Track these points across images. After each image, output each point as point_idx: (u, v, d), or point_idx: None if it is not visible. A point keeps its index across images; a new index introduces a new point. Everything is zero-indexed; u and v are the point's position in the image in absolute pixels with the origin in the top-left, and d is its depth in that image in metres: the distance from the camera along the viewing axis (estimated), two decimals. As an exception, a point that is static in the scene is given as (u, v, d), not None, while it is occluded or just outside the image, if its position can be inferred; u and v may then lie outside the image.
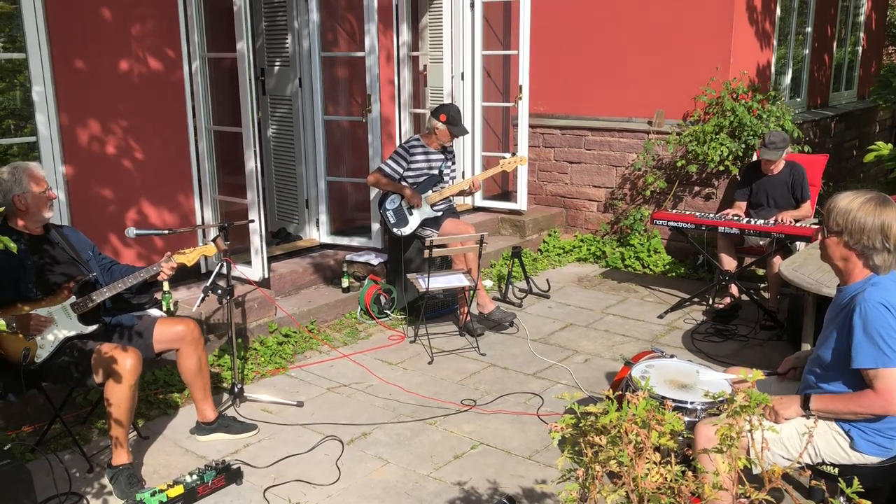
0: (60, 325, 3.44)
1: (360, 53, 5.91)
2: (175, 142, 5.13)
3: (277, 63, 6.45)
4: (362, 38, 5.82)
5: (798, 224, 5.22)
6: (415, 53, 7.21)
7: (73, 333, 3.46)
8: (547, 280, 6.39)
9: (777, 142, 5.39)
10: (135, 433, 3.89)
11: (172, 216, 5.18)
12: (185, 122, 5.15)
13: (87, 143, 4.68)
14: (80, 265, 3.63)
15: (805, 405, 2.69)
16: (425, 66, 7.62)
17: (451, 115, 5.39)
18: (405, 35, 6.69)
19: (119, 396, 3.33)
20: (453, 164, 5.68)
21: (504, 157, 5.95)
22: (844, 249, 2.68)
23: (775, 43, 7.17)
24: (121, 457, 3.41)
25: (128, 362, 3.32)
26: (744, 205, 5.68)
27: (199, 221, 5.30)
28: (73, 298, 3.48)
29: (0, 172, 3.43)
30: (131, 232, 3.86)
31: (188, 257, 3.70)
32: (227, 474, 3.43)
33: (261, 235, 5.07)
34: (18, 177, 3.41)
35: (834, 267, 2.76)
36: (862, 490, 1.85)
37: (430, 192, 5.47)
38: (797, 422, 2.71)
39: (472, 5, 6.98)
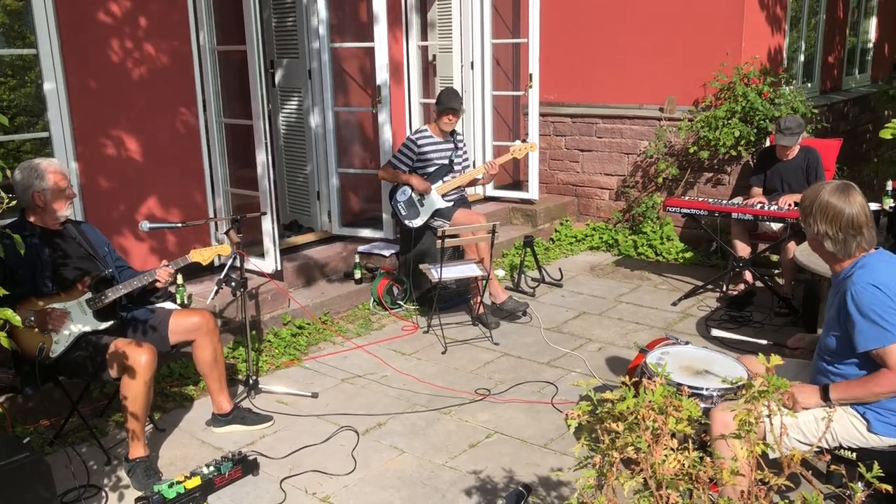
0: (76, 320, 3.46)
1: (370, 44, 5.89)
2: (186, 135, 5.14)
3: (287, 56, 6.44)
4: (371, 28, 5.81)
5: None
6: (424, 43, 7.19)
7: (88, 329, 3.48)
8: (559, 269, 6.38)
9: (793, 127, 5.33)
10: (151, 426, 3.91)
11: (185, 209, 5.19)
12: (195, 115, 5.16)
13: (98, 138, 4.70)
14: (96, 261, 3.64)
15: (825, 396, 2.68)
16: (434, 56, 7.58)
17: (440, 97, 5.39)
18: (414, 25, 6.66)
19: (134, 392, 3.35)
20: (464, 152, 5.66)
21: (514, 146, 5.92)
22: (810, 237, 2.71)
23: (787, 27, 7.10)
24: (137, 450, 3.43)
25: (143, 358, 3.34)
26: (761, 191, 5.60)
27: (211, 214, 5.32)
28: (88, 294, 3.50)
29: (22, 168, 3.45)
30: (144, 225, 3.89)
31: (203, 255, 3.73)
32: (244, 465, 3.45)
33: (273, 228, 5.08)
34: (40, 173, 3.42)
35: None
36: (882, 474, 1.83)
37: (440, 182, 5.46)
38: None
39: (481, -6, 6.94)
